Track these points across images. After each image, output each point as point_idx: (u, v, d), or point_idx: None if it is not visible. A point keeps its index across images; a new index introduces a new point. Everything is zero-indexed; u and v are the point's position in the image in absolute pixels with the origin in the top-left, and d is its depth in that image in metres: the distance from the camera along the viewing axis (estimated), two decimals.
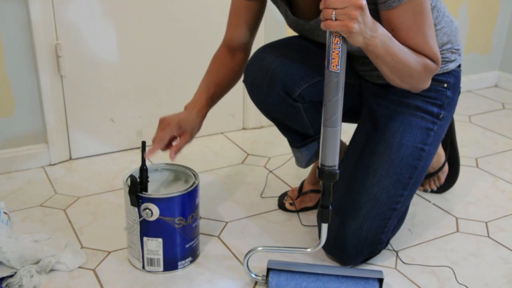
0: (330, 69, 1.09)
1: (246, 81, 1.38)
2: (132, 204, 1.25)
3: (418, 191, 1.72)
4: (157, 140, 1.31)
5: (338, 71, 1.08)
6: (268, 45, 1.39)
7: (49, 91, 1.78)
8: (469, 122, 2.33)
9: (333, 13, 1.03)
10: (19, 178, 1.77)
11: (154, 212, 1.25)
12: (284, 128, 1.48)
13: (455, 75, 1.42)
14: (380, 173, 1.32)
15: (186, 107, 1.40)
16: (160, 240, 1.28)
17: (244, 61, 1.43)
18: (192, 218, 1.31)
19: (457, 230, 1.54)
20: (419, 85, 1.26)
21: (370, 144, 1.37)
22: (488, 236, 1.52)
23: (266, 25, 2.04)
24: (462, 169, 1.77)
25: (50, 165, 1.86)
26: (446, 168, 1.71)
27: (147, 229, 1.28)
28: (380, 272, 1.26)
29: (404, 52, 1.17)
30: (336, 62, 1.08)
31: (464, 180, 1.81)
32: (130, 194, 1.25)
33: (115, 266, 1.35)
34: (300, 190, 1.63)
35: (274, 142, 2.08)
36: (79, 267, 1.33)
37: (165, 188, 1.35)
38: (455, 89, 1.42)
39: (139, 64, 1.91)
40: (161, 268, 1.32)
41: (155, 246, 1.29)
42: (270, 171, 1.85)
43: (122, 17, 1.83)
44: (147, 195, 1.26)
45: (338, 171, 1.16)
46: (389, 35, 1.14)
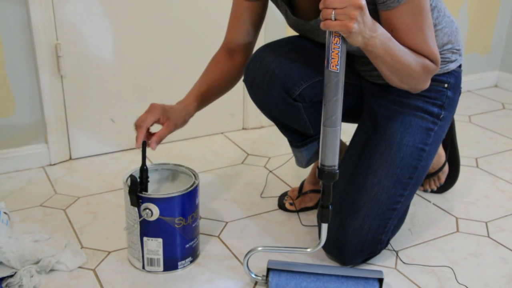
0: (329, 69, 1.09)
1: (246, 80, 1.38)
2: (132, 204, 1.25)
3: (418, 191, 1.72)
4: (138, 122, 1.30)
5: (338, 71, 1.08)
6: (268, 45, 1.39)
7: (49, 91, 1.78)
8: (469, 122, 2.33)
9: (333, 13, 1.03)
10: (19, 178, 1.77)
11: (154, 212, 1.25)
12: (284, 128, 1.48)
13: (455, 75, 1.42)
14: (380, 173, 1.32)
15: (176, 103, 1.39)
16: (160, 240, 1.28)
17: (243, 64, 1.42)
18: (192, 218, 1.31)
19: (457, 230, 1.54)
20: (418, 85, 1.26)
21: (370, 144, 1.37)
22: (488, 236, 1.52)
23: (266, 25, 2.04)
24: (462, 169, 1.77)
25: (50, 165, 1.86)
26: (446, 168, 1.71)
27: (147, 229, 1.28)
28: (380, 272, 1.26)
29: (404, 53, 1.17)
30: (336, 62, 1.08)
31: (464, 180, 1.81)
32: (130, 194, 1.25)
33: (115, 266, 1.35)
34: (300, 190, 1.63)
35: (274, 142, 2.08)
36: (79, 267, 1.33)
37: (165, 188, 1.35)
38: (456, 89, 1.42)
39: (139, 64, 1.91)
40: (161, 268, 1.32)
41: (155, 246, 1.29)
42: (270, 171, 1.85)
43: (122, 17, 1.83)
44: (147, 195, 1.26)
45: (338, 171, 1.16)
46: (389, 35, 1.14)
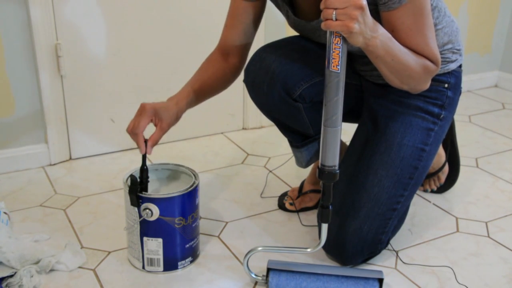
0: (330, 69, 1.09)
1: (246, 81, 1.38)
2: (132, 204, 1.25)
3: (418, 191, 1.72)
4: (132, 129, 1.28)
5: (339, 71, 1.08)
6: (268, 45, 1.39)
7: (49, 91, 1.78)
8: (469, 122, 2.33)
9: (334, 13, 1.03)
10: (19, 178, 1.77)
11: (154, 212, 1.25)
12: (284, 128, 1.48)
13: (456, 75, 1.41)
14: (380, 173, 1.32)
15: (167, 99, 1.38)
16: (160, 240, 1.28)
17: (238, 67, 1.42)
18: (192, 218, 1.31)
19: (457, 230, 1.54)
20: (418, 86, 1.26)
21: (371, 144, 1.37)
22: (488, 236, 1.52)
23: (266, 25, 2.04)
24: (462, 169, 1.77)
25: (50, 165, 1.86)
26: (446, 168, 1.71)
27: (147, 229, 1.28)
28: (380, 272, 1.26)
29: (404, 53, 1.17)
30: (337, 62, 1.08)
31: (464, 180, 1.81)
32: (130, 194, 1.25)
33: (115, 266, 1.35)
34: (300, 190, 1.63)
35: (274, 142, 2.08)
36: (79, 267, 1.33)
37: (165, 188, 1.35)
38: (456, 89, 1.42)
39: (139, 64, 1.91)
40: (161, 268, 1.32)
41: (155, 246, 1.29)
42: (270, 171, 1.85)
43: (122, 18, 1.83)
44: (147, 195, 1.26)
45: (338, 171, 1.16)
46: (390, 35, 1.14)
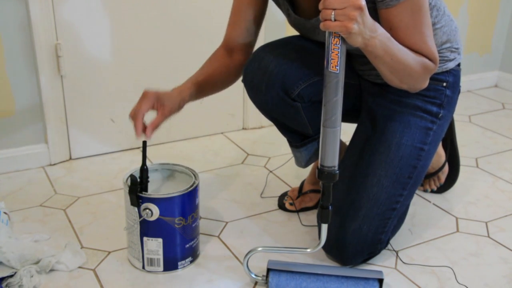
0: (329, 70, 1.09)
1: (245, 81, 1.38)
2: (132, 204, 1.25)
3: (418, 191, 1.72)
4: (133, 113, 1.28)
5: (338, 72, 1.08)
6: (267, 45, 1.39)
7: (49, 91, 1.78)
8: (469, 122, 2.33)
9: (332, 13, 1.03)
10: (19, 178, 1.77)
11: (154, 212, 1.25)
12: (284, 128, 1.48)
13: (454, 74, 1.42)
14: (379, 173, 1.32)
15: (172, 89, 1.37)
16: (160, 240, 1.28)
17: (242, 64, 1.42)
18: (192, 218, 1.31)
19: (457, 230, 1.54)
20: (417, 85, 1.26)
21: (370, 144, 1.37)
22: (488, 236, 1.52)
23: (266, 25, 2.04)
24: (462, 169, 1.77)
25: (50, 165, 1.86)
26: (446, 168, 1.71)
27: (147, 229, 1.28)
28: (380, 272, 1.26)
29: (404, 53, 1.17)
30: (336, 63, 1.08)
31: (464, 180, 1.81)
32: (130, 194, 1.25)
33: (115, 266, 1.35)
34: (300, 190, 1.63)
35: (274, 142, 2.08)
36: (79, 267, 1.33)
37: (165, 188, 1.35)
38: (455, 88, 1.42)
39: (139, 64, 1.91)
40: (161, 268, 1.32)
41: (155, 246, 1.29)
42: (270, 171, 1.85)
43: (122, 17, 1.83)
44: (147, 195, 1.26)
45: (338, 172, 1.16)
46: (388, 35, 1.14)
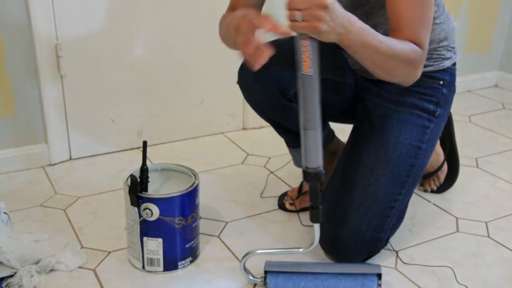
0: (302, 72, 1.05)
1: (240, 82, 1.38)
2: (132, 204, 1.25)
3: (418, 191, 1.72)
4: (243, 39, 1.08)
5: (311, 74, 1.04)
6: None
7: (49, 91, 1.78)
8: (469, 122, 2.33)
9: (299, 14, 1.00)
10: (19, 178, 1.77)
11: (154, 212, 1.25)
12: (280, 128, 1.48)
13: (450, 72, 1.42)
14: (377, 171, 1.33)
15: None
16: (160, 240, 1.28)
17: None
18: (192, 218, 1.31)
19: (457, 230, 1.54)
20: (408, 77, 1.22)
21: (367, 143, 1.37)
22: (488, 236, 1.52)
23: None
24: (462, 169, 1.77)
25: (50, 165, 1.86)
26: (445, 167, 1.71)
27: (147, 229, 1.28)
28: (378, 266, 1.26)
29: (387, 45, 1.13)
30: (308, 65, 1.04)
31: (464, 180, 1.81)
32: (130, 194, 1.25)
33: (115, 266, 1.35)
34: (300, 190, 1.63)
35: (274, 142, 2.08)
36: (79, 267, 1.33)
37: (165, 188, 1.35)
38: (451, 87, 1.43)
39: (139, 64, 1.91)
40: (161, 268, 1.32)
41: (155, 246, 1.29)
42: (270, 172, 1.85)
43: (122, 17, 1.83)
44: (147, 195, 1.26)
45: (323, 171, 1.14)
46: (367, 28, 1.10)
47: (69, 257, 1.33)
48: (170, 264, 1.32)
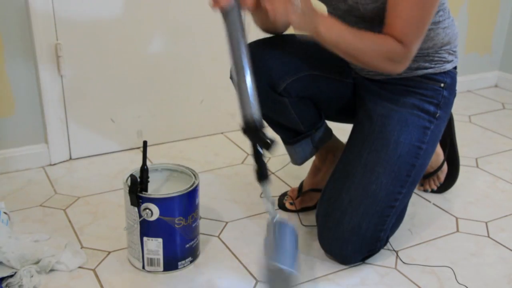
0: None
1: (232, 77, 1.38)
2: (132, 204, 1.26)
3: (418, 191, 1.72)
4: None
5: (228, 9, 1.02)
6: (255, 41, 1.39)
7: (49, 91, 1.78)
8: (469, 122, 2.33)
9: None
10: (19, 178, 1.77)
11: (154, 212, 1.25)
12: (275, 125, 1.48)
13: (451, 76, 1.42)
14: (378, 170, 1.33)
15: None
16: (160, 240, 1.28)
17: None
18: (192, 218, 1.31)
19: (457, 230, 1.54)
20: (390, 70, 1.27)
21: (367, 142, 1.37)
22: (488, 236, 1.52)
23: None
24: (462, 169, 1.77)
25: (50, 165, 1.86)
26: (445, 167, 1.71)
27: (147, 229, 1.28)
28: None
29: (361, 40, 1.20)
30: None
31: (464, 180, 1.81)
32: (130, 193, 1.25)
33: (115, 266, 1.35)
34: (300, 190, 1.63)
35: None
36: (79, 267, 1.33)
37: (165, 188, 1.35)
38: (452, 90, 1.43)
39: (139, 64, 1.91)
40: (161, 268, 1.32)
41: (155, 246, 1.29)
42: (273, 173, 1.85)
43: (122, 17, 1.83)
44: (147, 195, 1.26)
45: (260, 121, 1.09)
46: (336, 21, 1.18)
47: (69, 257, 1.33)
48: (170, 264, 1.32)
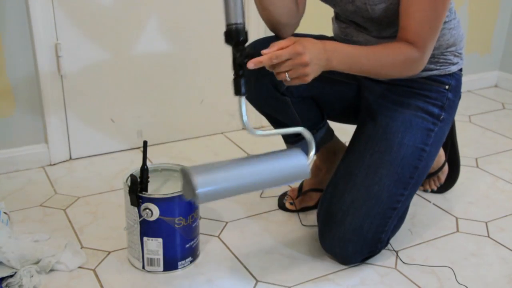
0: None
1: None
2: (132, 204, 1.26)
3: (418, 191, 1.72)
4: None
5: None
6: (258, 39, 1.39)
7: (49, 91, 1.78)
8: (469, 122, 2.33)
9: (286, 75, 1.08)
10: (19, 178, 1.77)
11: (154, 212, 1.25)
12: (277, 124, 1.49)
13: (456, 78, 1.42)
14: (381, 171, 1.32)
15: None
16: (160, 240, 1.28)
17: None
18: (192, 218, 1.31)
19: (457, 230, 1.54)
20: (407, 74, 1.27)
21: (371, 144, 1.37)
22: (488, 236, 1.52)
23: None
24: (462, 169, 1.77)
25: (50, 165, 1.86)
26: (446, 168, 1.71)
27: (147, 229, 1.28)
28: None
29: (374, 59, 1.20)
30: None
31: (464, 180, 1.81)
32: (130, 193, 1.25)
33: (115, 266, 1.35)
34: (300, 190, 1.63)
35: (274, 142, 2.07)
36: (79, 267, 1.33)
37: (165, 188, 1.35)
38: (457, 92, 1.42)
39: (139, 64, 1.91)
40: (161, 268, 1.32)
41: (155, 246, 1.29)
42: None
43: (122, 17, 1.83)
44: (147, 195, 1.26)
45: (245, 30, 1.09)
46: (346, 49, 1.17)
47: (69, 257, 1.33)
48: (170, 264, 1.32)
